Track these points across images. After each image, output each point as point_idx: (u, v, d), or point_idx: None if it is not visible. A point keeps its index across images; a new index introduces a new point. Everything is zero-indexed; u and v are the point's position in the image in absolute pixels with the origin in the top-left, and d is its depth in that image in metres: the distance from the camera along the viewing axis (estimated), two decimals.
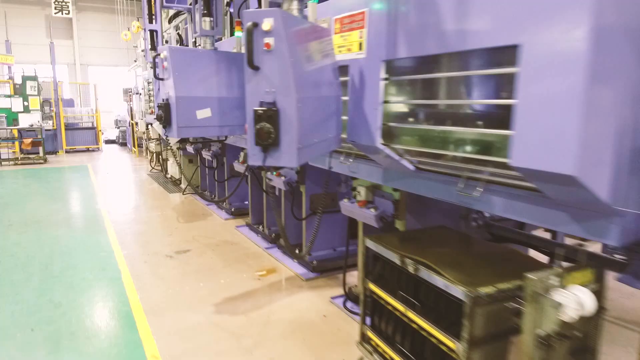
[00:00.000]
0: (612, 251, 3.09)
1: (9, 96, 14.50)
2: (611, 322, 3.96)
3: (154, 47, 6.47)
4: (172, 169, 10.43)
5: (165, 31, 8.95)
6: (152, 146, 11.07)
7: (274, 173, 5.26)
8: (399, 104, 2.77)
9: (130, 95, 15.21)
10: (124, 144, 19.72)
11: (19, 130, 14.51)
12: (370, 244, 3.07)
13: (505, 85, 2.04)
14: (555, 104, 1.74)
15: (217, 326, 3.99)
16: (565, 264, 2.28)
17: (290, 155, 2.25)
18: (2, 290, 4.76)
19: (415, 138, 2.68)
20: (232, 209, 7.64)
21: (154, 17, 6.43)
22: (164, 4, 6.29)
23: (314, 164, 4.19)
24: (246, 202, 7.64)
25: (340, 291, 4.55)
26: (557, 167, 1.76)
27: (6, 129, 14.36)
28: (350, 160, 3.59)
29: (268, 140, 2.21)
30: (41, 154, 14.82)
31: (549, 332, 2.08)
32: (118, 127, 20.18)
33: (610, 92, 1.72)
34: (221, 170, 7.95)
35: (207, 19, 3.97)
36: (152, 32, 6.39)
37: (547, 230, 3.60)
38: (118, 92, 19.22)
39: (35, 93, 14.73)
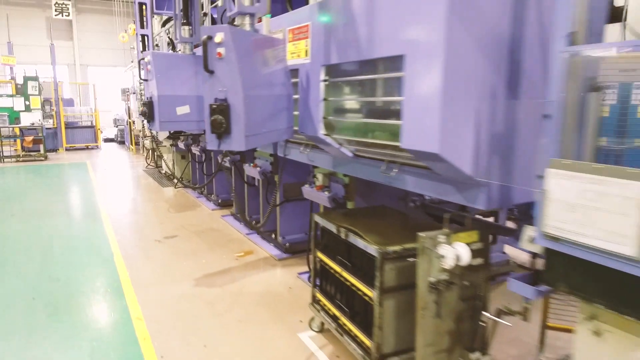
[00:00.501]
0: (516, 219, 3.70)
1: (11, 96, 15.09)
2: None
3: (145, 51, 7.05)
4: (166, 165, 11.01)
5: (158, 34, 9.52)
6: (147, 143, 11.65)
7: (251, 164, 5.85)
8: (337, 100, 3.35)
9: (127, 95, 15.80)
10: (122, 142, 20.31)
11: (21, 129, 15.10)
12: (318, 219, 3.66)
13: (400, 86, 2.62)
14: (424, 100, 2.33)
15: (195, 296, 4.58)
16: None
17: (239, 141, 2.83)
18: (7, 269, 5.34)
19: (348, 129, 3.27)
20: (219, 200, 8.22)
21: (145, 22, 7.01)
22: (154, 10, 6.88)
23: (289, 157, 4.77)
24: (233, 194, 8.20)
25: (307, 268, 5.13)
26: (427, 147, 2.35)
27: (8, 127, 14.94)
28: (308, 150, 4.17)
29: (221, 129, 2.80)
30: (42, 152, 15.40)
31: (437, 279, 2.66)
32: (117, 126, 20.76)
33: (465, 91, 2.31)
34: (209, 164, 8.53)
35: (186, 27, 4.55)
36: (143, 36, 6.97)
37: (490, 214, 4.15)
38: (116, 91, 19.79)
39: (37, 93, 15.32)
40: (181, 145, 9.40)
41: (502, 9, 2.33)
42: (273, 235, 6.01)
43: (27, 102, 15.09)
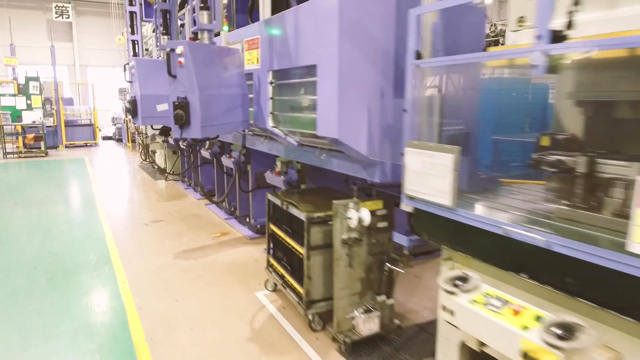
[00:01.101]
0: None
1: (14, 95, 15.87)
2: None
3: (135, 55, 7.84)
4: (159, 160, 11.79)
5: (150, 38, 10.31)
6: (142, 139, 12.43)
7: (227, 156, 6.63)
8: (280, 99, 4.14)
9: (124, 94, 16.57)
10: (119, 140, 21.09)
11: (22, 127, 15.88)
12: (269, 197, 4.44)
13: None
14: (328, 98, 3.11)
15: (172, 266, 5.36)
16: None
17: (196, 130, 3.62)
18: (12, 246, 6.13)
19: (288, 122, 4.05)
20: (202, 190, 8.98)
21: (135, 29, 7.79)
22: (144, 18, 7.66)
23: (255, 148, 5.54)
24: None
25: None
26: (331, 133, 3.13)
27: (11, 125, 15.73)
28: (266, 141, 4.96)
29: (182, 121, 3.58)
30: (43, 148, 16.18)
31: (348, 236, 3.44)
32: (114, 124, 21.54)
33: (357, 92, 3.08)
34: (195, 158, 9.29)
35: (165, 37, 5.33)
36: (133, 42, 7.75)
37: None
38: (114, 91, 20.57)
39: (38, 92, 16.10)
40: (171, 141, 10.17)
41: (388, 31, 3.10)
42: (247, 219, 6.79)
43: (28, 101, 15.87)
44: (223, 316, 4.11)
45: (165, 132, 10.07)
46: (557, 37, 1.93)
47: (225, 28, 4.25)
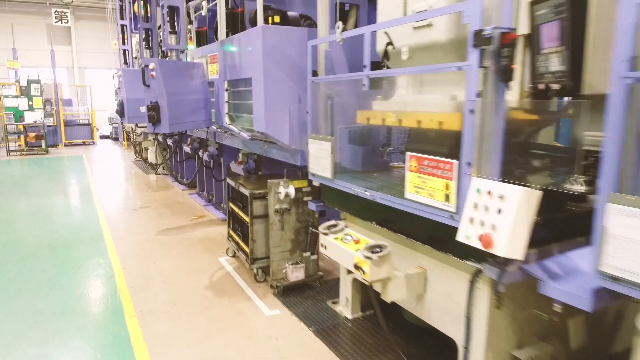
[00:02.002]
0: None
1: (16, 97, 16.97)
2: None
3: (125, 62, 8.95)
4: (150, 156, 12.90)
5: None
6: (135, 137, 13.54)
7: (202, 150, 7.73)
8: (232, 102, 5.25)
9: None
10: (116, 139, 22.18)
11: (24, 126, 16.98)
12: (229, 181, 5.55)
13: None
14: (258, 102, 4.23)
15: (153, 240, 6.47)
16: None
17: (165, 127, 4.73)
18: (20, 227, 7.24)
19: (239, 120, 5.16)
20: (190, 184, 10.09)
21: (125, 40, 8.91)
22: (133, 30, 8.78)
23: (223, 142, 6.63)
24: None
25: None
26: (261, 128, 4.25)
27: (14, 124, 16.83)
28: (229, 137, 6.07)
29: (154, 120, 4.70)
30: (43, 146, 17.29)
31: (279, 207, 4.56)
32: (111, 124, 22.63)
33: (279, 97, 4.20)
34: (180, 153, 10.40)
35: (148, 50, 6.44)
36: (124, 51, 8.87)
37: None
38: (111, 92, 21.64)
39: (38, 94, 17.20)
40: (160, 139, 11.27)
41: (301, 54, 4.21)
42: (221, 204, 7.90)
43: (30, 103, 16.98)
44: (189, 273, 5.22)
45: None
46: (376, 66, 3.06)
47: (190, 47, 5.37)
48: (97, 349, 3.67)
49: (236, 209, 5.31)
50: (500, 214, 2.16)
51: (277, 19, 4.41)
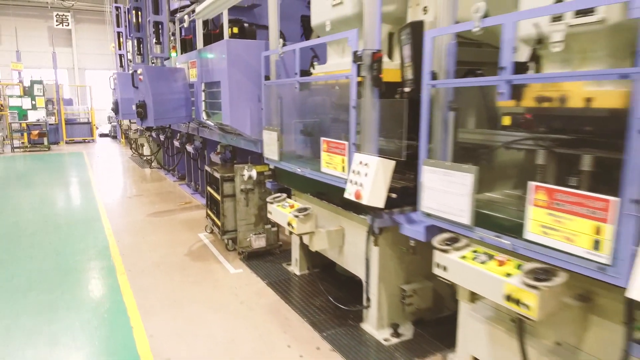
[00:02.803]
0: None
1: (20, 96, 17.98)
2: None
3: (122, 66, 9.95)
4: (145, 151, 13.91)
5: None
6: (131, 134, 14.54)
7: (189, 144, 8.73)
8: (208, 100, 6.26)
9: None
10: (114, 137, 23.18)
11: (28, 124, 17.99)
12: (206, 168, 6.55)
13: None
14: (225, 101, 5.24)
15: (143, 221, 7.47)
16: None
17: (151, 122, 5.74)
18: (27, 210, 8.24)
19: (213, 115, 6.17)
20: (179, 175, 11.11)
21: (121, 45, 9.90)
22: (128, 36, 9.78)
23: (205, 136, 7.63)
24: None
25: None
26: (227, 121, 5.26)
27: (18, 122, 17.84)
28: (208, 130, 7.08)
29: (142, 115, 5.70)
30: (46, 143, 18.29)
31: (245, 187, 5.57)
32: (110, 123, 23.63)
33: (242, 97, 5.21)
34: (171, 148, 11.41)
35: (139, 56, 7.44)
36: (120, 55, 9.87)
37: None
38: (110, 92, 22.62)
39: (41, 94, 18.21)
40: (154, 135, 12.27)
41: (258, 61, 5.21)
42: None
43: (33, 102, 17.99)
44: (172, 244, 6.23)
45: (149, 127, 12.19)
46: (305, 73, 4.06)
47: (174, 54, 6.37)
48: (94, 295, 4.68)
49: (211, 191, 6.32)
50: (366, 177, 3.17)
51: (235, 30, 5.41)
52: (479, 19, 2.40)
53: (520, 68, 2.40)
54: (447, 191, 2.67)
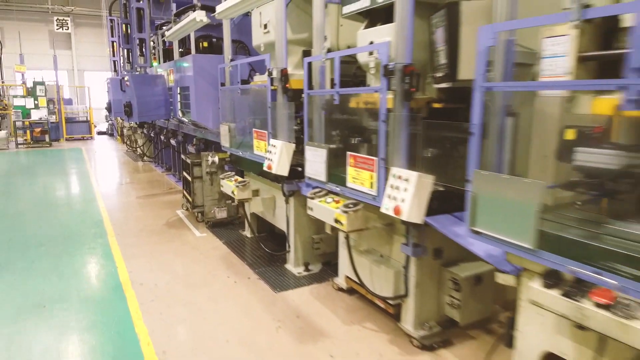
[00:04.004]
0: None
1: (23, 97, 19.42)
2: None
3: (115, 71, 11.41)
4: (125, 142, 15.35)
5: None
6: (125, 131, 16.02)
7: (172, 138, 10.21)
8: (183, 101, 7.74)
9: None
10: (112, 135, 24.62)
11: (30, 122, 19.43)
12: (182, 156, 8.03)
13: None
14: (192, 101, 6.72)
15: (132, 201, 8.95)
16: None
17: (136, 118, 7.22)
18: (35, 194, 9.72)
19: (187, 114, 7.64)
20: (166, 166, 12.58)
21: (115, 52, 11.36)
22: (122, 45, 11.25)
23: (185, 131, 9.10)
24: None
25: None
26: (194, 118, 6.75)
27: (21, 121, 19.28)
28: (185, 126, 8.56)
29: (128, 113, 7.18)
30: (47, 140, 19.73)
31: (209, 170, 7.05)
32: (107, 121, 25.07)
33: (205, 98, 6.69)
34: (159, 142, 12.87)
35: (129, 64, 8.91)
36: (114, 61, 11.34)
37: None
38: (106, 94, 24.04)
39: (43, 94, 19.64)
40: (146, 131, 13.73)
41: (217, 71, 6.68)
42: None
43: (35, 102, 19.42)
44: (154, 218, 7.70)
45: (141, 125, 13.65)
46: (245, 82, 5.54)
47: (155, 64, 7.83)
48: (90, 250, 6.15)
49: (186, 175, 7.79)
50: (275, 155, 4.64)
51: (205, 44, 6.88)
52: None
53: None
54: (315, 161, 4.15)
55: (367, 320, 4.11)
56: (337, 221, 3.69)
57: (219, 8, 5.04)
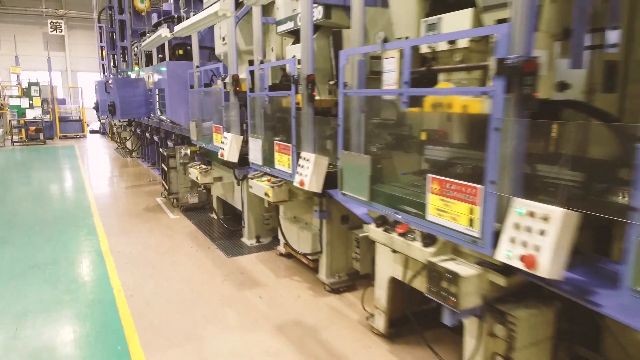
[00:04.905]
0: None
1: (19, 97, 20.38)
2: None
3: (104, 73, 12.44)
4: (128, 144, 16.37)
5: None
6: (115, 129, 17.04)
7: (155, 135, 11.26)
8: (161, 101, 8.79)
9: None
10: (104, 133, 25.59)
11: (25, 121, 20.38)
12: (161, 150, 9.08)
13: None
14: (167, 101, 7.78)
15: (118, 190, 9.98)
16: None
17: (118, 116, 8.27)
18: (29, 186, 10.74)
19: (164, 112, 8.69)
20: (151, 161, 13.62)
21: (103, 57, 12.39)
22: (108, 51, 12.29)
23: (166, 129, 10.15)
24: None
25: None
26: (169, 115, 7.80)
27: (17, 120, 20.24)
28: (164, 124, 9.61)
29: (112, 112, 8.22)
30: (42, 138, 20.68)
31: (182, 160, 8.11)
32: (100, 120, 26.03)
33: (178, 98, 7.75)
34: (145, 139, 13.90)
35: (114, 68, 9.94)
36: (103, 65, 12.37)
37: None
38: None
39: (37, 94, 20.60)
40: (134, 129, 14.76)
41: (186, 75, 7.73)
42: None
43: (30, 102, 20.39)
44: (135, 204, 8.75)
45: (129, 123, 14.68)
46: (207, 85, 6.61)
47: (136, 69, 8.87)
48: (78, 228, 7.19)
49: (164, 166, 8.84)
50: (227, 145, 5.70)
51: (180, 51, 7.93)
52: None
53: None
54: (255, 149, 5.22)
55: (295, 275, 5.19)
56: (266, 194, 4.76)
57: (176, 28, 6.09)
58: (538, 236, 2.20)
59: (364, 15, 3.50)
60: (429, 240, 2.88)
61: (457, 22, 2.85)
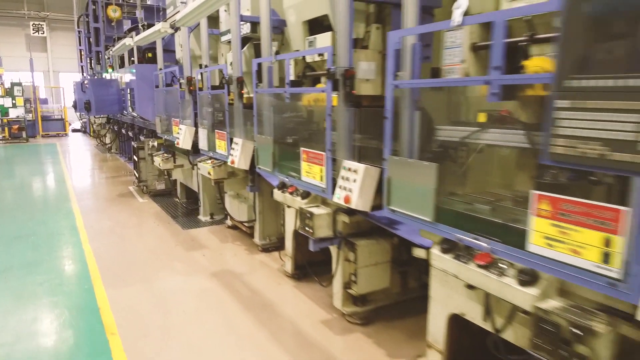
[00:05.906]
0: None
1: (2, 96, 21.14)
2: None
3: (83, 73, 13.41)
4: (107, 140, 17.31)
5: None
6: (94, 126, 17.97)
7: (130, 131, 12.28)
8: (132, 99, 9.85)
9: None
10: (85, 132, 26.39)
11: (8, 120, 21.15)
12: (132, 143, 10.13)
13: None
14: (136, 99, 8.85)
15: (95, 181, 11.00)
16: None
17: (93, 113, 9.31)
18: (16, 179, 11.69)
19: (135, 109, 9.75)
20: (128, 156, 14.60)
21: (83, 58, 13.37)
22: (86, 54, 13.27)
23: (140, 125, 11.19)
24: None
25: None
26: (138, 112, 8.88)
27: (0, 119, 21.01)
28: (137, 120, 10.67)
29: (87, 109, 9.27)
30: (24, 136, 21.46)
31: (151, 152, 9.19)
32: (81, 120, 26.81)
33: (146, 97, 8.82)
34: (122, 135, 14.89)
35: (91, 70, 10.95)
36: (82, 66, 13.34)
37: None
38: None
39: (20, 94, 21.37)
40: (113, 127, 15.73)
41: (152, 77, 8.81)
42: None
43: (13, 101, 21.15)
44: (109, 192, 9.79)
45: (108, 120, 15.65)
46: (169, 85, 7.72)
47: (110, 70, 9.91)
48: (57, 210, 8.23)
49: (135, 157, 9.90)
50: (182, 135, 6.81)
51: (149, 54, 8.99)
52: None
53: None
54: (203, 138, 6.34)
55: (236, 240, 6.33)
56: (209, 173, 5.88)
57: (135, 39, 7.18)
58: (352, 183, 3.39)
59: (270, 35, 4.66)
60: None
61: (324, 40, 4.02)
